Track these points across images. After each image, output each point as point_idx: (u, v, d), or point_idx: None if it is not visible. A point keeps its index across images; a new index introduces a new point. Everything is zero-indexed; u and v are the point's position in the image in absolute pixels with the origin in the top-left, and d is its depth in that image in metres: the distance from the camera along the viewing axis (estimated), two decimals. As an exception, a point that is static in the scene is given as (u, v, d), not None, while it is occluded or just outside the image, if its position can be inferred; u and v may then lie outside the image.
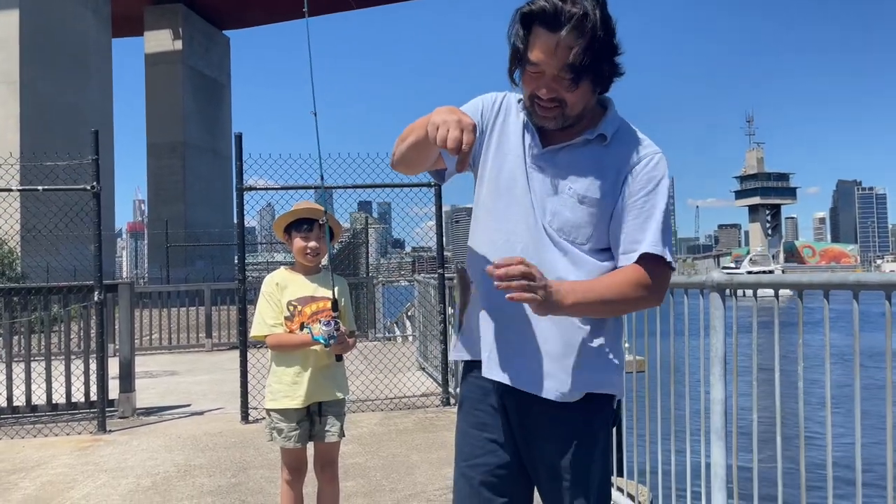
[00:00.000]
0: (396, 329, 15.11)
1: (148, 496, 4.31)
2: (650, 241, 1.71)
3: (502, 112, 1.88)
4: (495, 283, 1.60)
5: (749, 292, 3.28)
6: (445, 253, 7.81)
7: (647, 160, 1.75)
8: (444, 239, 7.83)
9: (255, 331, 3.17)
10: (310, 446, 3.20)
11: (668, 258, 1.73)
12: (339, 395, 3.17)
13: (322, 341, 2.98)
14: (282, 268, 3.29)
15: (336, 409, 3.17)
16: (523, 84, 1.76)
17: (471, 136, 1.61)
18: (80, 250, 6.54)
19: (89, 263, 6.40)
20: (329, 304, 3.09)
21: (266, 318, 3.13)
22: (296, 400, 3.08)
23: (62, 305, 6.81)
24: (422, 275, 11.36)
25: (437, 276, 7.63)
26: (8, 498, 4.35)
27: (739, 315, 2.89)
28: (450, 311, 8.00)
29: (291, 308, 3.11)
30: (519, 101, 1.86)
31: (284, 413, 3.10)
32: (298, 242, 3.11)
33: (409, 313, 13.49)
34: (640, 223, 1.73)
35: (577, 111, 1.73)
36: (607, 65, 1.70)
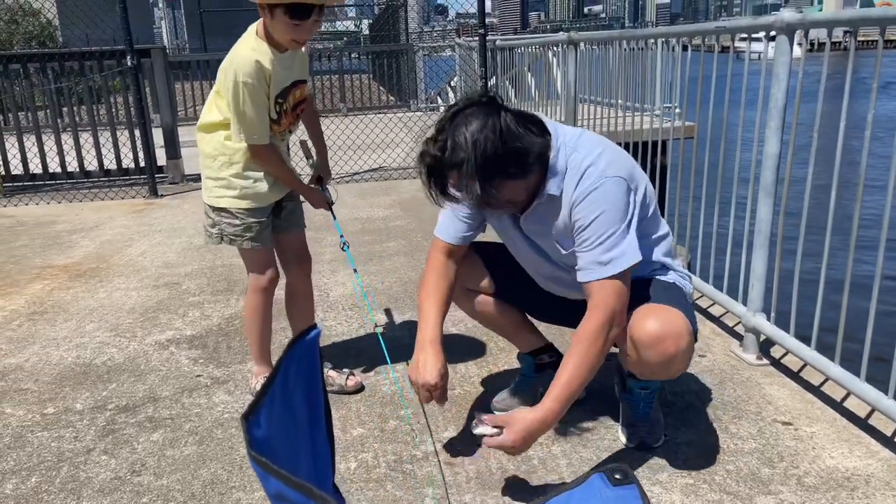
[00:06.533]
0: (440, 100, 14.80)
1: (200, 254, 4.51)
2: (588, 271, 1.81)
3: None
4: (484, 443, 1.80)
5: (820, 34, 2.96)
6: (489, 20, 7.29)
7: (582, 199, 1.81)
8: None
9: (251, 137, 2.24)
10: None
11: (608, 273, 1.77)
12: None
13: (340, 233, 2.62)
14: (253, 37, 2.22)
15: (293, 195, 2.56)
16: None
17: (433, 394, 1.89)
18: (117, 21, 6.32)
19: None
20: (304, 89, 2.40)
21: (262, 125, 2.26)
22: (274, 192, 2.39)
23: (98, 71, 6.77)
24: (462, 37, 10.79)
25: (477, 38, 7.23)
26: (70, 255, 4.62)
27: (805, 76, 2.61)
28: (491, 81, 7.68)
29: (279, 106, 2.29)
30: None
31: (255, 211, 2.37)
32: (285, 27, 2.15)
33: (452, 83, 13.12)
34: (581, 253, 1.84)
35: (521, 198, 1.86)
36: (513, 167, 1.75)
